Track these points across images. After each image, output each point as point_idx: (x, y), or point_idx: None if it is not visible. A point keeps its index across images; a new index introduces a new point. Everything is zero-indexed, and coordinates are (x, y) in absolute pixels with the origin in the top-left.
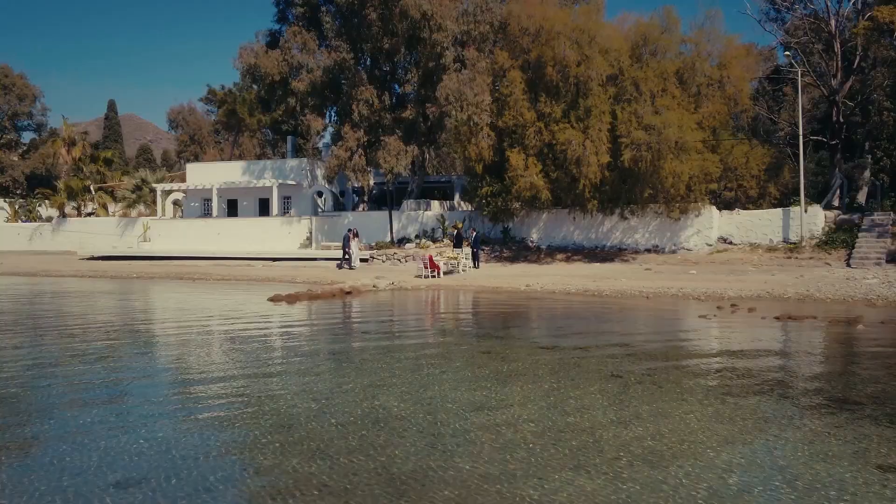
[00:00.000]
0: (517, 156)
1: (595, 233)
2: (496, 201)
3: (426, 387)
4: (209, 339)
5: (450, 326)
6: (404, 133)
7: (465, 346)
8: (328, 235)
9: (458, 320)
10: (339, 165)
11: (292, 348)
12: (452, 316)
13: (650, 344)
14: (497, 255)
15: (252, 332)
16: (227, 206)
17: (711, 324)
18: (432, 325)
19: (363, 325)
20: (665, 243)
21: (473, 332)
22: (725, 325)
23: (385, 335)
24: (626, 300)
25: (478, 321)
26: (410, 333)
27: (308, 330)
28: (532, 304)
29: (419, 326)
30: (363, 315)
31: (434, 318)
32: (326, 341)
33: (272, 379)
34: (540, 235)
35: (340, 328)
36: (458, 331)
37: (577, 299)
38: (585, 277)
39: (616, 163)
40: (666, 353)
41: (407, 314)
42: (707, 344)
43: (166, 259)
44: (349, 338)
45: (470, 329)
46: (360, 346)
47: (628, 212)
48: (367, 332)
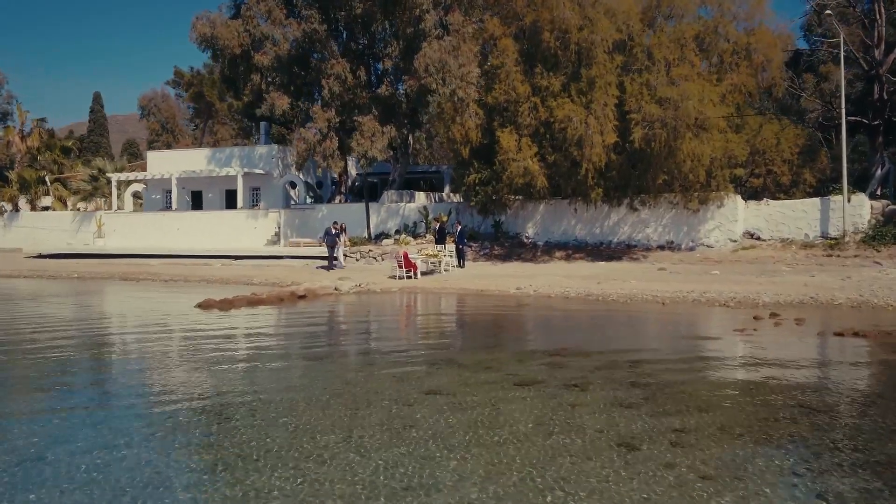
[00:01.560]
0: (509, 136)
1: (600, 227)
2: (485, 190)
3: (309, 465)
4: (64, 363)
5: (404, 344)
6: (381, 113)
7: (410, 380)
8: (299, 231)
9: (418, 335)
10: (307, 150)
11: (150, 397)
12: (414, 329)
13: (674, 376)
14: (487, 252)
15: (132, 354)
16: (192, 198)
17: (754, 343)
18: (380, 344)
19: (289, 345)
20: (681, 239)
21: (430, 357)
22: (775, 344)
23: (308, 358)
24: (636, 307)
25: (444, 337)
26: (342, 359)
27: (213, 352)
28: (521, 312)
29: (362, 346)
30: (300, 329)
31: (389, 332)
32: (211, 381)
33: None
34: (536, 230)
35: (253, 349)
36: (412, 353)
37: (577, 306)
38: (588, 279)
39: (624, 144)
40: (699, 397)
41: (357, 327)
42: (757, 377)
43: (119, 257)
44: (252, 374)
45: (428, 351)
46: (261, 390)
47: (639, 202)
48: (288, 354)
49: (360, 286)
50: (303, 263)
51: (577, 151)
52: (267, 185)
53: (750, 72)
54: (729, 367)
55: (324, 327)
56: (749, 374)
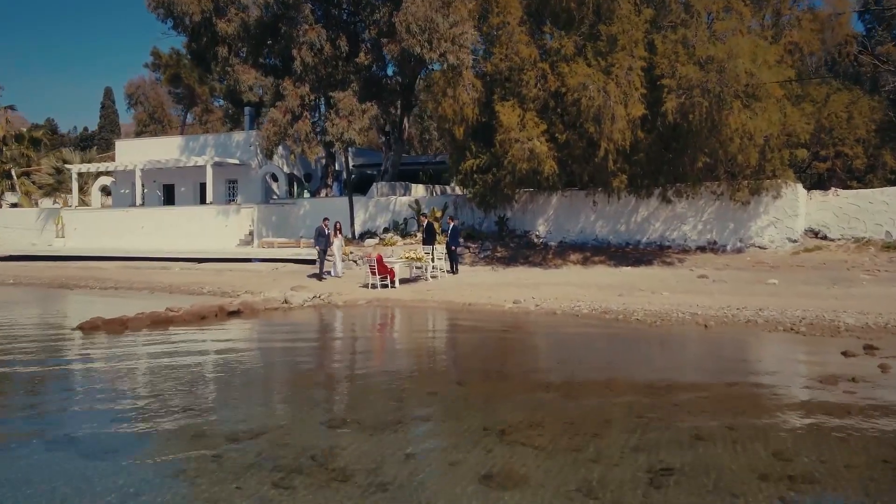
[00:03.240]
0: (510, 111)
1: (625, 224)
2: (484, 179)
3: None
4: None
5: (321, 396)
6: (364, 88)
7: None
8: (278, 229)
9: (357, 378)
10: (277, 133)
11: None
12: (360, 365)
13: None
14: (488, 254)
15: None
16: (164, 192)
17: (868, 416)
18: (290, 394)
19: (137, 408)
20: (727, 238)
21: (341, 430)
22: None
23: (180, 422)
24: (668, 330)
25: (387, 388)
26: (233, 422)
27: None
28: (511, 338)
29: (263, 397)
30: (188, 372)
31: (319, 370)
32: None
33: None
34: (548, 228)
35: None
36: (327, 419)
37: (588, 329)
38: (608, 289)
39: (654, 118)
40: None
41: (281, 361)
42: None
43: (76, 259)
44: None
45: (345, 415)
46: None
47: (673, 192)
48: (145, 414)
49: (318, 298)
50: (271, 267)
51: (594, 128)
52: (245, 178)
53: (814, 27)
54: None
55: (246, 360)
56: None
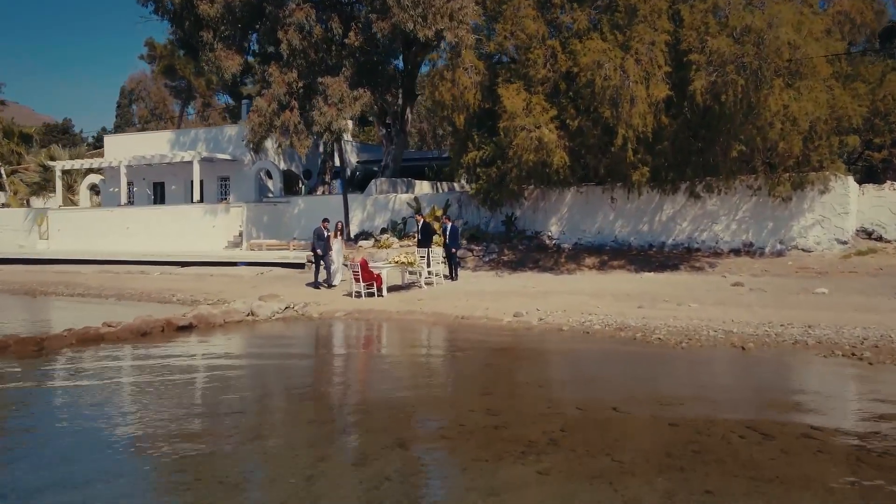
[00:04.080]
0: (514, 94)
1: (648, 223)
2: (488, 173)
3: None
4: None
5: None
6: (357, 73)
7: None
8: (269, 230)
9: (273, 433)
10: (262, 124)
11: None
12: (289, 412)
13: None
14: (493, 258)
15: None
16: (154, 191)
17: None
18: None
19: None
20: (765, 239)
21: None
22: None
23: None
24: (697, 354)
25: (304, 453)
26: None
27: None
28: (500, 365)
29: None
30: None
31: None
32: None
33: None
34: (562, 228)
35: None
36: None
37: (601, 351)
38: (626, 299)
39: (681, 101)
40: None
41: (198, 406)
42: None
43: (56, 263)
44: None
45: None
46: None
47: (703, 187)
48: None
49: (292, 308)
50: (256, 272)
51: (611, 112)
52: (237, 174)
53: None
54: None
55: (155, 399)
56: None
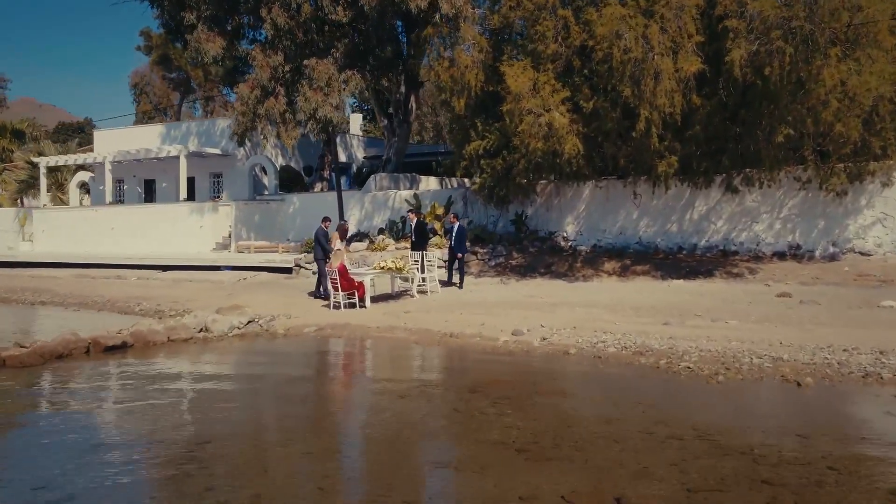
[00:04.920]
0: (520, 73)
1: (677, 222)
2: (492, 165)
3: None
4: None
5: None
6: (347, 55)
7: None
8: (261, 230)
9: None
10: (245, 114)
11: None
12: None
13: None
14: (500, 262)
15: None
16: (145, 188)
17: None
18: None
19: None
20: (815, 240)
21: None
22: None
23: None
24: (740, 388)
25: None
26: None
27: None
28: (480, 409)
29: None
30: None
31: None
32: None
33: None
34: (579, 228)
35: None
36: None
37: (613, 385)
38: (650, 313)
39: (716, 77)
40: None
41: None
42: None
43: (36, 266)
44: None
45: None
46: None
47: (741, 180)
48: None
49: (256, 322)
50: (239, 277)
51: (632, 90)
52: (231, 170)
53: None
54: None
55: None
56: None
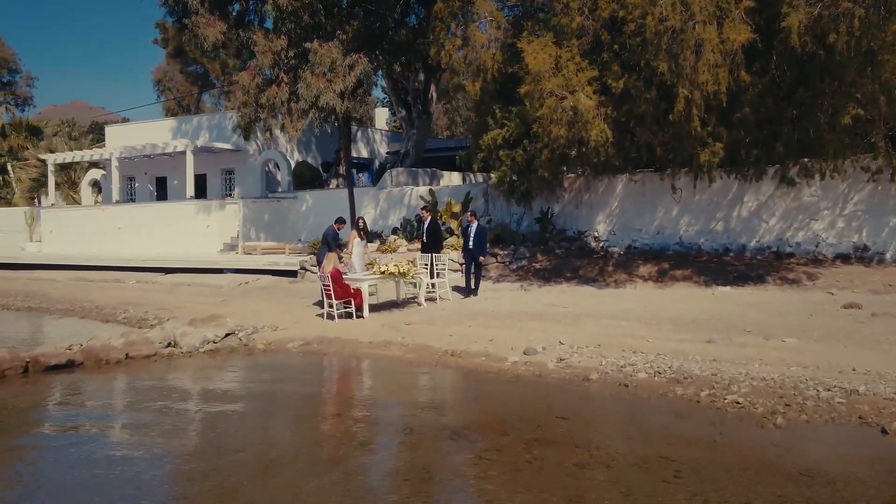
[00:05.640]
0: (539, 50)
1: (723, 219)
2: (512, 156)
3: None
4: None
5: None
6: (355, 38)
7: None
8: (271, 230)
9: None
10: (247, 104)
11: None
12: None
13: None
14: (523, 265)
15: None
16: (157, 186)
17: None
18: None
19: None
20: (886, 241)
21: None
22: None
23: None
24: (804, 437)
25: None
26: None
27: None
28: (454, 463)
29: None
30: None
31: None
32: None
33: None
34: (611, 227)
35: None
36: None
37: (637, 427)
38: (691, 328)
39: (768, 49)
40: None
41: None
42: None
43: (40, 268)
44: None
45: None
46: None
47: (798, 171)
48: None
49: (235, 336)
50: (240, 281)
51: (668, 66)
52: (242, 167)
53: None
54: None
55: None
56: None
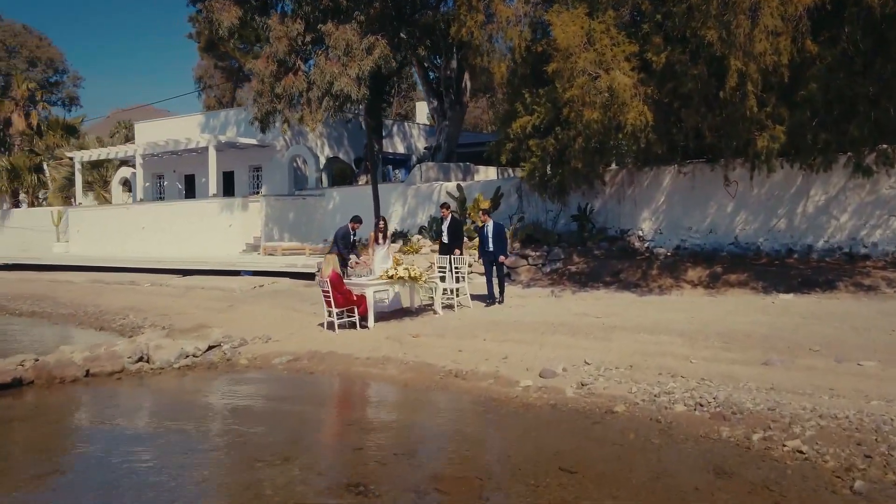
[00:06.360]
0: (570, 23)
1: (785, 216)
2: (543, 146)
3: None
4: None
5: None
6: (374, 20)
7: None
8: (296, 229)
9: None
10: (262, 93)
11: None
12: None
13: None
14: (557, 267)
15: None
16: (185, 184)
17: None
18: None
19: None
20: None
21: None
22: None
23: None
24: None
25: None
26: None
27: None
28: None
29: None
30: None
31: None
32: None
33: None
34: (657, 224)
35: None
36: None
37: (684, 478)
38: (745, 345)
39: (838, 15)
40: None
41: None
42: None
43: (65, 269)
44: None
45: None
46: None
47: (875, 158)
48: None
49: (220, 349)
50: (254, 285)
51: (719, 34)
52: (269, 163)
53: None
54: None
55: None
56: None
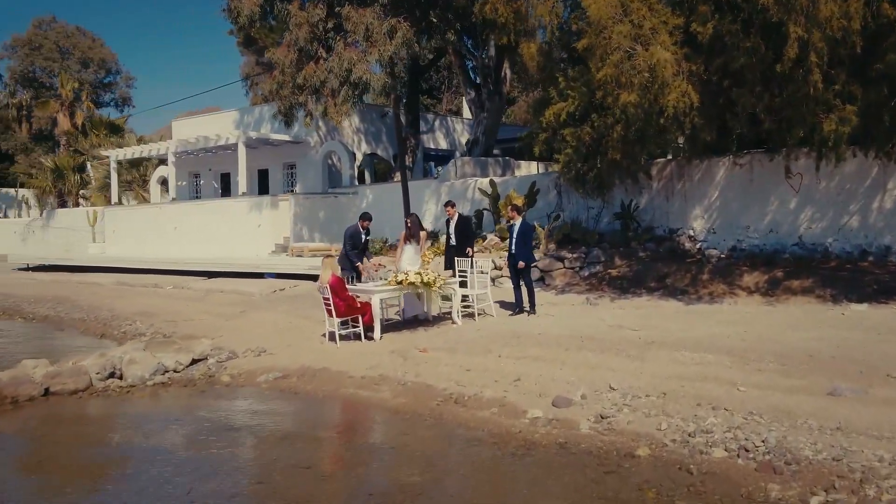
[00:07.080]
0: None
1: (858, 212)
2: (578, 135)
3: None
4: None
5: None
6: (397, 2)
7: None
8: (327, 229)
9: None
10: (283, 84)
11: None
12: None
13: None
14: (597, 271)
15: None
16: (221, 183)
17: None
18: None
19: None
20: None
21: None
22: None
23: None
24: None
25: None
26: None
27: None
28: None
29: None
30: None
31: None
32: None
33: None
34: (710, 223)
35: None
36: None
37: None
38: (805, 366)
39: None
40: None
41: None
42: None
43: (98, 270)
44: None
45: None
46: None
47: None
48: None
49: (205, 364)
50: (274, 289)
51: (775, 2)
52: (303, 160)
53: None
54: None
55: None
56: None
